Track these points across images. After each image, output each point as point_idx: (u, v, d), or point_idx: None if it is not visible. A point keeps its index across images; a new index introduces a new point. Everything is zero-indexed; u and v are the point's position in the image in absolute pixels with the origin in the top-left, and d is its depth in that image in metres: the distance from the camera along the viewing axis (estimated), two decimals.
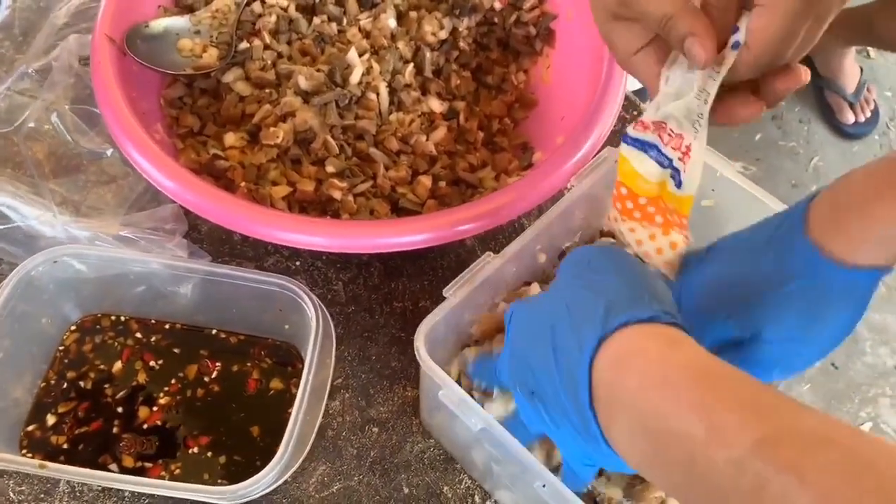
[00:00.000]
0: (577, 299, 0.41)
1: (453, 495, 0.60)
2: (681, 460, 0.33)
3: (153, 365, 0.63)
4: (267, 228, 0.55)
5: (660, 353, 0.36)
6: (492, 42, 0.76)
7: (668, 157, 0.44)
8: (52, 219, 0.62)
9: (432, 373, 0.50)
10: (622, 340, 0.37)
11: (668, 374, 0.35)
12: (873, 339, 1.59)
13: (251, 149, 0.66)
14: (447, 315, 0.53)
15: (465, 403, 0.49)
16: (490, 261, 0.55)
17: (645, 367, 0.36)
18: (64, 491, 0.59)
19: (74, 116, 0.73)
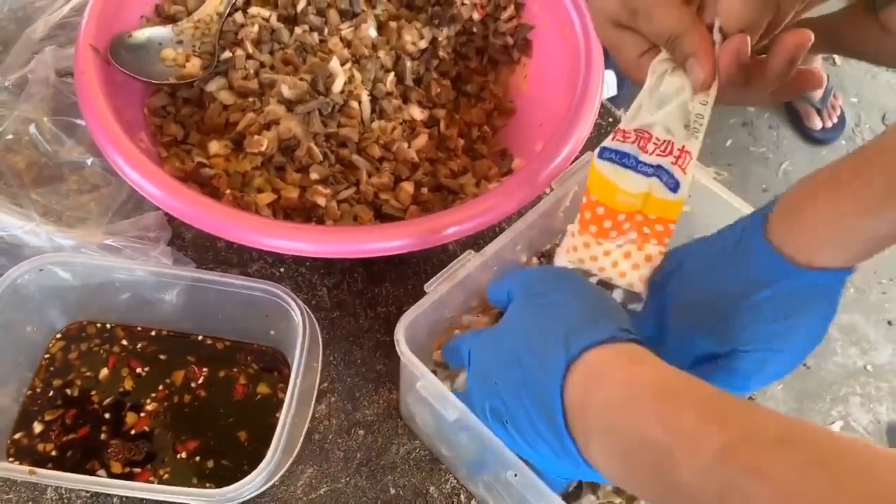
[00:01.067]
0: (536, 329, 0.42)
1: (439, 495, 0.61)
2: (653, 473, 0.35)
3: (140, 372, 0.64)
4: (254, 235, 0.56)
5: (623, 372, 0.38)
6: (470, 51, 0.78)
7: (652, 165, 0.45)
8: (35, 228, 0.63)
9: (412, 365, 0.51)
10: (587, 364, 0.39)
11: (633, 392, 0.37)
12: (843, 339, 1.63)
13: (235, 157, 0.67)
14: (427, 311, 0.54)
15: (442, 395, 0.50)
16: (471, 258, 0.57)
17: (610, 388, 0.37)
18: (52, 498, 0.59)
19: (53, 127, 0.73)
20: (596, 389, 0.38)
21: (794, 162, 1.84)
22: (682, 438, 0.34)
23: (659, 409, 0.35)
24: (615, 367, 0.39)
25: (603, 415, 0.37)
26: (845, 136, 1.88)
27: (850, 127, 1.89)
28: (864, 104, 1.94)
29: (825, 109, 1.85)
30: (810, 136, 1.86)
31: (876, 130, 1.90)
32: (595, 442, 0.38)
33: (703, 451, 0.33)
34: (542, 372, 0.40)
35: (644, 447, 0.35)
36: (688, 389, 0.36)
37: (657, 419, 0.35)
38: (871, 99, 1.95)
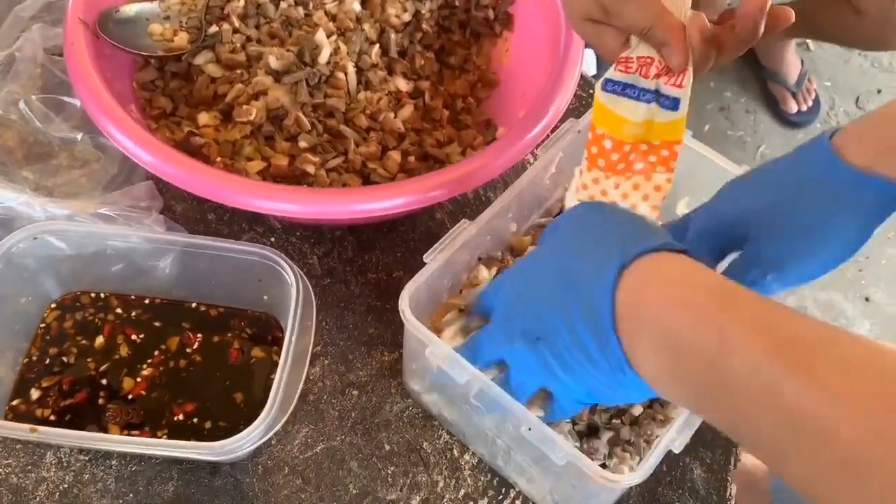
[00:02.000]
0: (582, 244, 0.44)
1: (433, 450, 0.63)
2: (699, 370, 0.37)
3: (135, 338, 0.65)
4: (248, 197, 0.57)
5: (677, 275, 0.40)
6: (453, 24, 0.80)
7: (650, 90, 0.47)
8: (29, 199, 0.64)
9: (419, 332, 0.53)
10: (640, 267, 0.40)
11: (686, 293, 0.38)
12: (822, 316, 1.66)
13: (224, 127, 0.68)
14: (428, 280, 0.55)
15: (453, 358, 0.51)
16: (466, 227, 0.59)
17: (665, 288, 0.39)
18: (51, 462, 0.60)
19: (41, 105, 0.74)
20: (649, 290, 0.39)
21: (771, 145, 1.87)
22: (731, 336, 0.35)
23: (710, 310, 0.37)
24: (668, 270, 0.40)
25: (655, 313, 0.39)
26: (820, 120, 1.91)
27: (825, 110, 1.92)
28: (838, 88, 1.97)
29: (800, 93, 1.88)
30: (786, 120, 1.89)
31: (850, 113, 1.94)
32: (644, 339, 0.39)
33: (753, 348, 0.34)
34: (593, 277, 0.41)
35: (693, 344, 0.37)
36: (741, 292, 0.38)
37: (708, 318, 0.37)
38: (844, 83, 1.98)
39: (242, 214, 0.73)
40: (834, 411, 0.31)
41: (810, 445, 0.32)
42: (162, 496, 0.59)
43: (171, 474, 0.60)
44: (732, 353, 0.35)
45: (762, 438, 0.35)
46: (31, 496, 0.58)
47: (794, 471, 0.33)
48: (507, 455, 0.58)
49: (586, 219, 0.46)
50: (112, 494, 0.59)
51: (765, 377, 0.34)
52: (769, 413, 0.33)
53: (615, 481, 0.48)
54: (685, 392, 0.39)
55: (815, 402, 0.32)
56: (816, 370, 0.32)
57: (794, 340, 0.34)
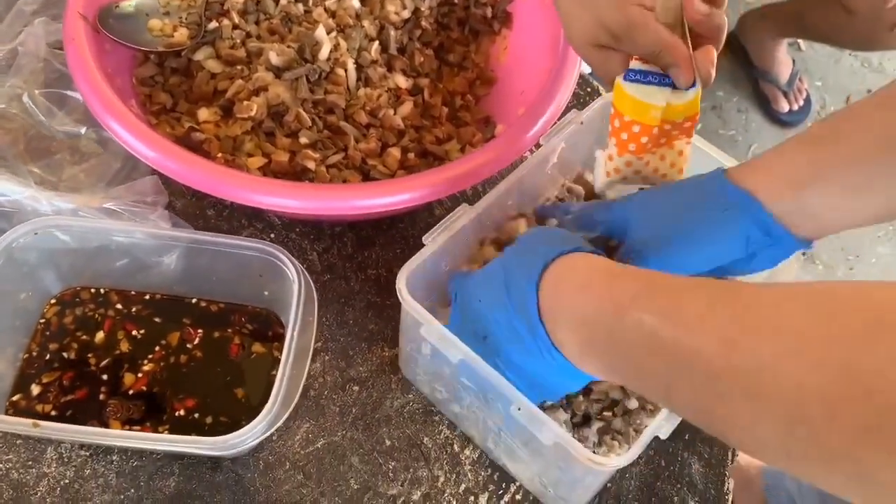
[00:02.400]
0: (519, 256, 0.50)
1: (433, 445, 0.63)
2: (603, 338, 0.43)
3: (135, 334, 0.65)
4: (249, 193, 0.57)
5: (583, 266, 0.47)
6: (452, 22, 0.80)
7: (666, 75, 0.52)
8: (35, 193, 0.63)
9: (414, 311, 0.53)
10: (557, 266, 0.47)
11: (587, 277, 0.45)
12: None
13: (225, 123, 0.68)
14: (425, 262, 0.56)
15: (445, 338, 0.52)
16: (466, 210, 0.59)
17: (574, 277, 0.46)
18: (52, 457, 0.60)
19: (44, 100, 0.74)
20: (563, 280, 0.46)
21: (763, 144, 1.88)
22: (623, 300, 0.42)
23: (606, 286, 0.44)
24: (578, 263, 0.47)
25: (568, 298, 0.45)
26: (811, 119, 1.92)
27: (816, 110, 1.94)
28: (829, 87, 1.99)
29: (791, 93, 1.89)
30: (777, 119, 1.90)
31: None
32: (562, 321, 0.46)
33: (637, 304, 0.41)
34: (523, 278, 0.48)
35: (596, 316, 0.43)
36: (627, 269, 0.45)
37: (605, 291, 0.44)
38: (835, 82, 2.00)
39: (242, 210, 0.73)
40: (698, 334, 0.37)
41: (686, 370, 0.37)
42: (163, 491, 0.59)
43: (172, 469, 0.60)
44: (622, 315, 0.41)
45: (657, 381, 0.40)
46: (32, 492, 0.58)
47: (680, 398, 0.39)
48: (497, 437, 0.59)
49: (528, 238, 0.53)
50: (113, 490, 0.59)
51: (646, 327, 0.40)
52: (654, 356, 0.39)
53: (601, 463, 0.48)
54: (599, 363, 0.45)
55: (683, 333, 0.38)
56: (684, 307, 0.39)
57: (668, 291, 0.40)
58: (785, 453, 0.34)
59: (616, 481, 0.63)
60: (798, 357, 0.33)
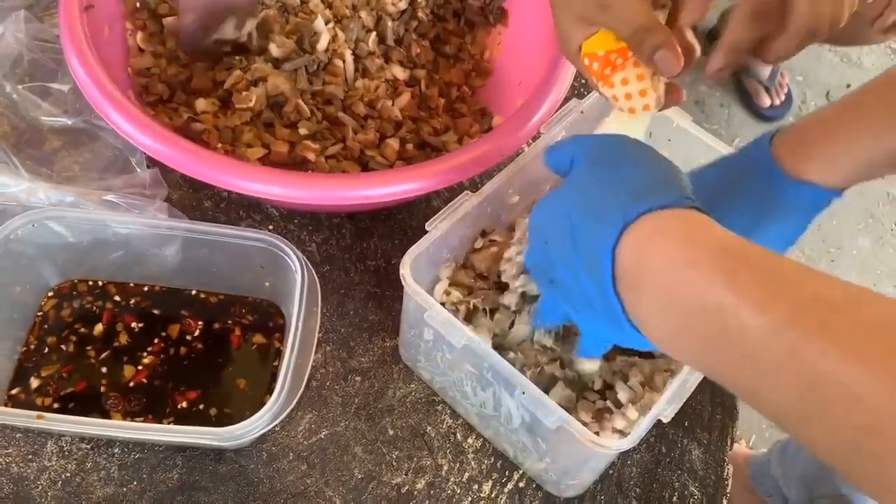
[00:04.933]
0: (595, 191, 0.42)
1: (436, 434, 0.63)
2: (711, 332, 0.35)
3: (134, 326, 0.64)
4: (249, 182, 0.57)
5: (683, 234, 0.38)
6: (448, 13, 0.80)
7: None
8: (32, 186, 0.63)
9: (418, 296, 0.53)
10: (644, 226, 0.39)
11: (694, 253, 0.36)
12: None
13: (224, 113, 0.68)
14: (428, 248, 0.56)
15: (449, 322, 0.52)
16: (469, 198, 0.59)
17: (670, 248, 0.37)
18: (52, 451, 0.59)
19: (28, 93, 0.73)
20: (653, 249, 0.38)
21: (745, 138, 1.90)
22: (748, 297, 0.34)
23: (722, 270, 0.35)
24: (674, 229, 0.38)
25: (660, 274, 0.37)
26: (792, 113, 1.95)
27: (797, 104, 1.96)
28: (809, 82, 2.01)
29: (773, 88, 1.92)
30: (759, 114, 1.93)
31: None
32: (647, 302, 0.38)
33: (772, 310, 0.33)
34: (596, 230, 0.40)
35: (704, 305, 0.35)
36: (750, 252, 0.36)
37: (722, 279, 0.35)
38: (816, 77, 2.02)
39: (240, 202, 0.73)
40: (859, 374, 0.30)
41: (833, 409, 0.31)
42: (166, 483, 0.59)
43: (174, 461, 0.60)
44: (748, 315, 0.33)
45: (781, 402, 0.33)
46: (33, 485, 0.58)
47: (815, 434, 0.33)
48: (498, 423, 0.59)
49: (602, 160, 0.44)
50: (116, 482, 0.58)
51: (785, 340, 0.32)
52: (789, 377, 0.32)
53: (605, 446, 0.49)
54: (694, 355, 0.38)
55: (839, 365, 0.30)
56: (840, 331, 0.31)
57: (815, 300, 0.33)
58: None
59: (617, 468, 0.64)
60: None
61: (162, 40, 0.72)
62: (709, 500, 0.63)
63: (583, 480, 0.60)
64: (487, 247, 0.63)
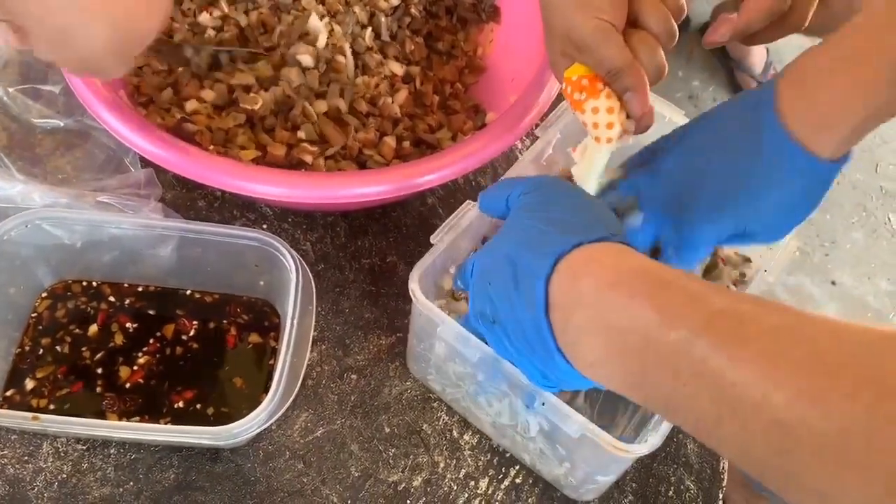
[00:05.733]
0: (532, 230, 0.45)
1: (432, 431, 0.63)
2: (635, 348, 0.38)
3: (129, 327, 0.64)
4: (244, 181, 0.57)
5: (612, 261, 0.41)
6: (440, 10, 0.80)
7: None
8: (27, 188, 0.63)
9: (429, 312, 0.53)
10: (576, 256, 0.42)
11: (621, 276, 0.39)
12: (791, 300, 1.70)
13: (218, 114, 0.68)
14: (436, 261, 0.56)
15: (463, 336, 0.52)
16: (471, 208, 0.59)
17: (599, 272, 0.40)
18: (48, 452, 0.59)
19: (18, 94, 0.73)
20: (584, 275, 0.40)
21: None
22: (667, 313, 0.36)
23: (645, 290, 0.38)
24: (604, 257, 0.41)
25: (589, 296, 0.40)
26: None
27: None
28: None
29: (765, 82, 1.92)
30: None
31: None
32: (577, 323, 0.40)
33: (687, 323, 0.36)
34: (532, 263, 0.42)
35: (629, 323, 0.38)
36: (668, 273, 0.39)
37: (644, 298, 0.38)
38: None
39: (233, 201, 0.73)
40: (763, 377, 0.32)
41: (742, 412, 0.33)
42: (163, 483, 0.59)
43: (171, 461, 0.60)
44: (665, 329, 0.36)
45: (697, 411, 0.35)
46: (29, 486, 0.58)
47: (728, 439, 0.34)
48: (514, 433, 0.59)
49: (537, 204, 0.47)
50: (112, 483, 0.58)
51: (697, 350, 0.35)
52: (702, 384, 0.34)
53: (627, 451, 0.49)
54: (621, 373, 0.39)
55: (746, 370, 0.33)
56: (746, 339, 0.34)
57: (725, 313, 0.35)
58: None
59: None
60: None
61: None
62: (704, 494, 0.64)
63: (603, 483, 0.59)
64: None
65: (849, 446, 0.29)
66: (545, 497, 0.62)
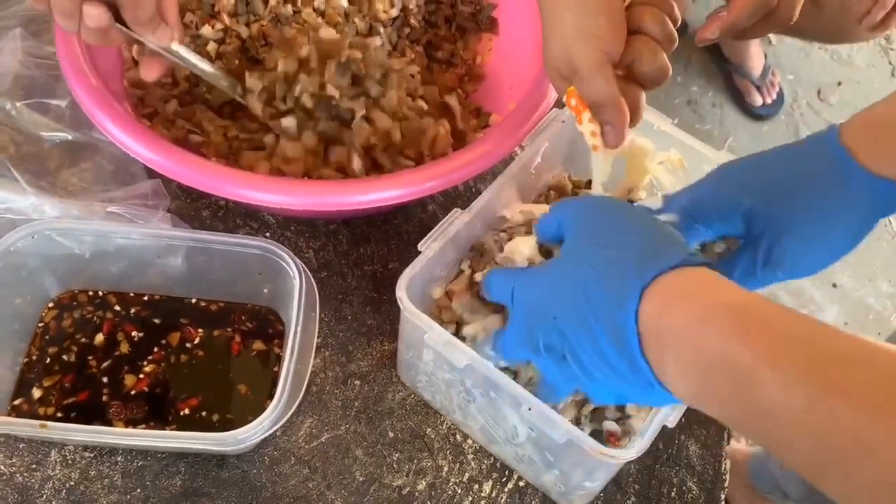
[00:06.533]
0: (601, 260, 0.43)
1: (436, 436, 0.64)
2: (730, 388, 0.36)
3: (135, 335, 0.65)
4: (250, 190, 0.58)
5: (698, 293, 0.39)
6: (439, 19, 0.81)
7: None
8: (38, 201, 0.64)
9: (417, 319, 0.54)
10: (660, 288, 0.40)
11: (710, 311, 0.38)
12: (792, 302, 1.70)
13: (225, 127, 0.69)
14: (423, 268, 0.56)
15: (450, 343, 0.53)
16: (459, 216, 0.60)
17: (687, 308, 0.38)
18: (56, 460, 0.60)
19: (27, 109, 0.74)
20: (672, 311, 0.39)
21: (738, 137, 1.92)
22: (763, 354, 0.35)
23: (738, 328, 0.36)
24: (690, 288, 0.40)
25: (680, 335, 0.38)
26: (784, 112, 1.96)
27: (789, 102, 1.97)
28: (800, 80, 2.03)
29: (764, 87, 1.93)
30: (752, 113, 1.94)
31: (812, 105, 1.99)
32: (671, 363, 0.39)
33: (786, 366, 0.34)
34: (614, 300, 0.41)
35: (723, 364, 0.36)
36: (762, 307, 0.38)
37: (737, 337, 0.36)
38: (806, 75, 2.04)
39: (237, 210, 0.74)
40: (871, 427, 0.31)
41: (847, 462, 0.32)
42: (169, 490, 0.59)
43: (177, 468, 0.60)
44: (763, 373, 0.34)
45: (800, 454, 0.34)
46: (38, 494, 0.58)
47: (833, 485, 0.33)
48: (503, 440, 0.60)
49: (602, 225, 0.46)
50: (119, 490, 0.59)
51: (799, 397, 0.33)
52: (804, 431, 0.33)
53: (613, 457, 0.49)
54: (719, 411, 0.38)
55: (851, 420, 0.31)
56: (852, 386, 0.32)
57: (827, 356, 0.34)
58: None
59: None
60: None
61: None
62: (707, 496, 0.64)
63: (592, 489, 0.60)
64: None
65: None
66: (548, 500, 0.62)
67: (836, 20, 1.65)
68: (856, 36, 1.62)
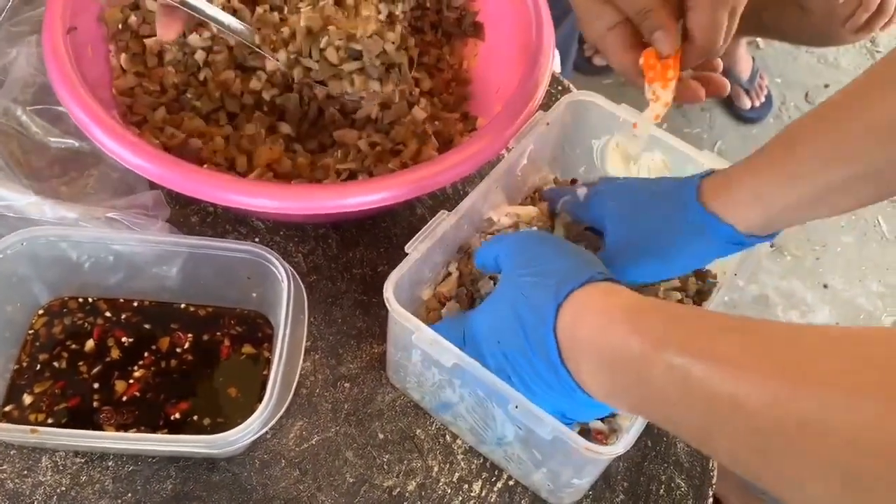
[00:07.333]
0: (528, 286, 0.49)
1: (426, 436, 0.64)
2: (632, 379, 0.41)
3: (125, 341, 0.65)
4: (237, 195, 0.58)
5: (601, 303, 0.45)
6: (426, 25, 0.82)
7: None
8: (38, 201, 0.64)
9: (404, 319, 0.54)
10: (571, 304, 0.46)
11: (611, 315, 0.43)
12: (784, 303, 1.71)
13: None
14: (410, 269, 0.57)
15: (438, 342, 0.53)
16: (445, 217, 0.60)
17: (592, 317, 0.45)
18: (47, 466, 0.60)
19: (37, 116, 0.74)
20: (581, 320, 0.45)
21: (727, 141, 1.93)
22: (654, 341, 0.40)
23: (633, 323, 0.42)
24: (595, 300, 0.46)
25: (588, 340, 0.44)
26: (773, 115, 1.97)
27: (777, 106, 1.99)
28: (788, 84, 2.04)
29: (753, 90, 1.94)
30: (741, 116, 1.95)
31: (800, 108, 2.01)
32: (584, 365, 0.45)
33: (667, 348, 0.39)
34: (539, 319, 0.46)
35: (624, 357, 0.41)
36: (653, 305, 0.44)
37: (629, 332, 0.41)
38: (794, 79, 2.05)
39: (226, 216, 0.74)
40: (737, 384, 0.34)
41: (725, 421, 0.35)
42: (161, 494, 0.60)
43: (168, 472, 0.61)
44: (651, 359, 0.39)
45: (692, 427, 0.38)
46: (29, 500, 0.59)
47: (719, 448, 0.37)
48: (492, 439, 0.60)
49: (530, 255, 0.51)
50: (110, 495, 0.59)
51: (678, 371, 0.37)
52: (689, 402, 0.37)
53: (600, 453, 0.50)
54: (628, 403, 0.44)
55: (720, 380, 0.35)
56: (717, 351, 0.36)
57: (699, 332, 0.38)
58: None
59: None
60: (849, 412, 0.30)
61: (144, 61, 0.73)
62: (695, 492, 0.65)
63: (580, 487, 0.60)
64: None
65: (807, 437, 0.31)
66: (538, 499, 0.63)
67: (822, 24, 1.67)
68: (841, 39, 1.64)
